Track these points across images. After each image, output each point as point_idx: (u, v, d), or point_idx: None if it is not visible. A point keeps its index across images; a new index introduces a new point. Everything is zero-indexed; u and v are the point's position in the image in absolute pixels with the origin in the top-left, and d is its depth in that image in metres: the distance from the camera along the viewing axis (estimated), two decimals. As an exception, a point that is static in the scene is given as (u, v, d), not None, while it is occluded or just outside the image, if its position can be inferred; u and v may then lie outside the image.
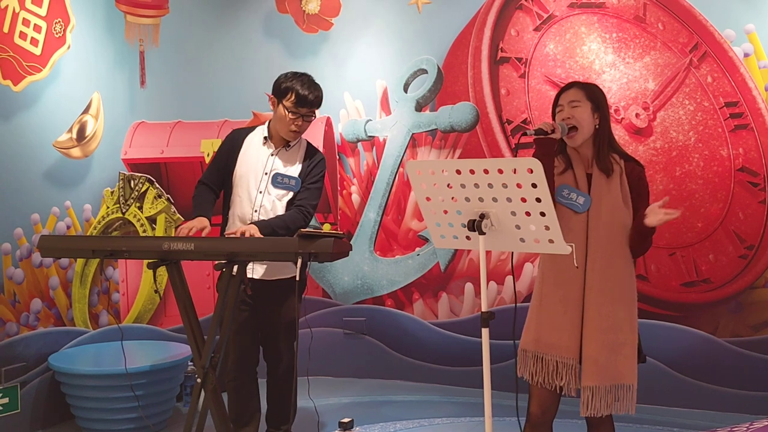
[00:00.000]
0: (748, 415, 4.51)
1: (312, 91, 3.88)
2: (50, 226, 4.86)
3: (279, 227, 3.77)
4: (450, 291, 5.56)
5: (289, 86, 3.86)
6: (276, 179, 3.90)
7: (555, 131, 3.06)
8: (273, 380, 4.03)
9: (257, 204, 3.88)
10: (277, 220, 3.81)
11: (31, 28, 4.73)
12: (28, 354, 4.60)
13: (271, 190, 3.90)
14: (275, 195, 3.90)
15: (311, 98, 3.87)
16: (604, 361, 3.03)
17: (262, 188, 3.90)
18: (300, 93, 3.84)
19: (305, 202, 3.92)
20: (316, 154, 4.05)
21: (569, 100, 3.15)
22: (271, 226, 3.75)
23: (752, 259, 4.75)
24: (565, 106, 3.15)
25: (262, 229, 3.67)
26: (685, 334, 4.87)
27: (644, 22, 4.98)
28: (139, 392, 4.31)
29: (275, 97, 3.91)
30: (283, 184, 3.91)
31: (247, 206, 3.90)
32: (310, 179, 3.96)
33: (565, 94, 3.19)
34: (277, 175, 3.91)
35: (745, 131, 4.76)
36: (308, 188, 3.95)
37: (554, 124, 3.08)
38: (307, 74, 3.96)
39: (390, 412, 5.02)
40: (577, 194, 3.10)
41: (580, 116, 3.12)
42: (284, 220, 3.83)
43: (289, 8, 5.83)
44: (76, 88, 5.07)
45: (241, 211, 3.91)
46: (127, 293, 5.45)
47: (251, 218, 3.86)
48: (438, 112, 5.53)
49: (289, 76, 3.92)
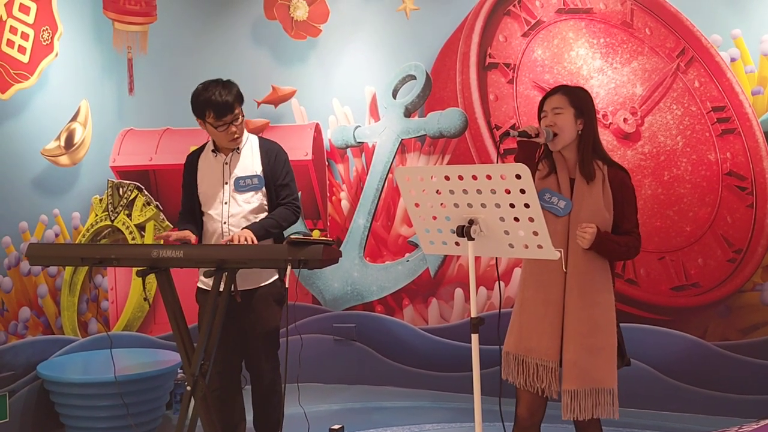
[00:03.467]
0: (738, 418, 4.53)
1: (224, 95, 3.72)
2: (38, 234, 4.84)
3: (272, 227, 3.76)
4: (440, 296, 5.56)
5: (203, 102, 3.74)
6: (238, 183, 3.84)
7: (539, 135, 3.07)
8: (257, 389, 3.98)
9: (224, 215, 3.83)
10: (268, 221, 3.79)
11: (18, 36, 4.71)
12: (16, 363, 4.58)
13: (237, 196, 3.84)
14: (242, 200, 3.84)
15: (230, 102, 3.72)
16: (584, 365, 3.04)
17: (226, 199, 3.84)
18: (215, 104, 3.70)
19: (289, 197, 3.89)
20: (271, 146, 3.96)
21: (552, 107, 3.16)
22: (264, 228, 3.72)
23: (740, 263, 4.77)
24: (549, 112, 3.16)
25: (256, 232, 3.65)
26: (674, 338, 4.88)
27: (631, 27, 5.00)
28: (128, 400, 4.28)
29: (197, 117, 3.81)
30: (247, 186, 3.85)
31: (216, 221, 3.84)
32: (281, 176, 3.90)
33: (549, 100, 3.19)
34: (238, 179, 3.85)
35: (733, 135, 4.79)
36: (283, 185, 3.90)
37: (539, 129, 3.09)
38: (214, 81, 3.80)
39: (380, 419, 5.01)
40: (558, 198, 3.11)
41: (563, 123, 3.13)
42: (275, 218, 3.81)
43: (277, 15, 5.82)
44: (64, 96, 5.06)
45: (213, 227, 3.86)
46: (116, 301, 5.43)
47: (222, 231, 3.82)
48: (427, 118, 5.53)
49: (198, 91, 3.78)
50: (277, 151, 3.94)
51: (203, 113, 3.76)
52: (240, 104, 3.80)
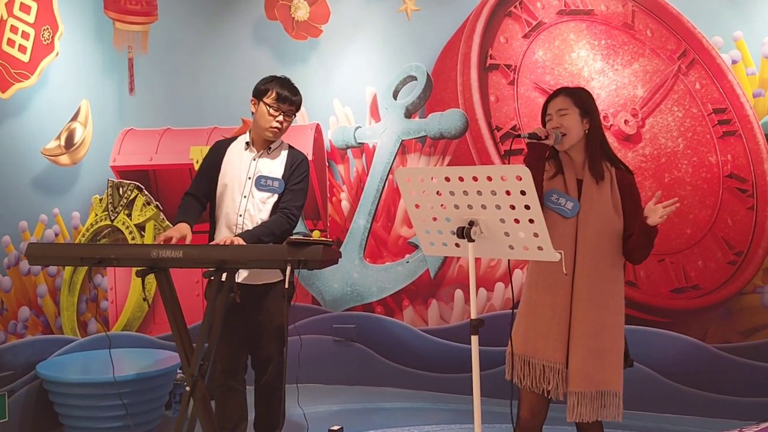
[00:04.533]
0: (738, 421, 4.52)
1: (292, 90, 3.92)
2: (38, 233, 4.83)
3: (264, 235, 3.75)
4: (440, 298, 5.56)
5: (269, 86, 3.90)
6: (259, 182, 3.89)
7: (548, 137, 3.08)
8: (261, 388, 4.00)
9: (241, 208, 3.86)
10: (261, 228, 3.79)
11: (18, 35, 4.71)
12: (15, 362, 4.57)
13: (255, 193, 3.88)
14: (259, 198, 3.88)
15: (292, 96, 3.90)
16: (590, 367, 3.04)
17: (246, 192, 3.88)
18: (280, 91, 3.87)
19: (289, 204, 3.90)
20: (298, 155, 4.03)
21: (557, 109, 3.16)
22: (256, 236, 3.72)
23: (741, 266, 4.77)
24: (554, 114, 3.16)
25: (246, 239, 3.65)
26: (674, 341, 4.87)
27: (633, 29, 5.00)
28: (127, 400, 4.28)
29: (255, 97, 3.93)
30: (267, 186, 3.89)
31: (231, 211, 3.88)
32: (293, 180, 3.94)
33: (553, 102, 3.19)
34: (260, 178, 3.90)
35: (734, 138, 4.78)
36: (291, 190, 3.93)
37: (548, 131, 3.10)
38: (287, 77, 3.99)
39: (380, 420, 5.00)
40: (566, 199, 3.11)
41: (569, 124, 3.13)
42: (268, 227, 3.80)
43: (278, 15, 5.82)
44: (64, 96, 5.06)
45: (226, 216, 3.89)
46: (115, 301, 5.42)
47: (236, 222, 3.85)
48: (427, 119, 5.53)
49: (269, 78, 3.96)
50: (300, 160, 4.02)
51: (265, 93, 3.89)
52: (298, 109, 3.97)
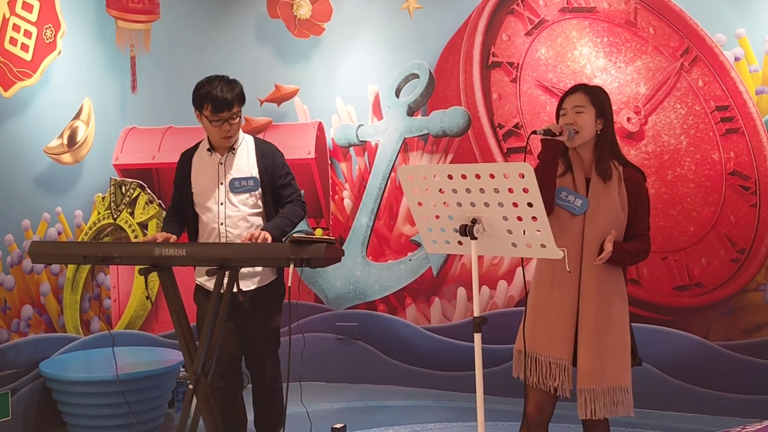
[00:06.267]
0: (740, 418, 4.53)
1: (225, 92, 3.72)
2: (41, 232, 4.84)
3: (286, 225, 3.78)
4: (442, 296, 5.55)
5: (203, 95, 3.73)
6: (233, 185, 3.84)
7: (562, 133, 3.07)
8: (258, 389, 3.99)
9: (221, 216, 3.83)
10: (281, 219, 3.80)
11: (21, 34, 4.71)
12: (19, 361, 4.58)
13: (232, 197, 3.84)
14: (237, 201, 3.84)
15: (229, 99, 3.71)
16: (599, 364, 3.05)
17: (222, 199, 3.84)
18: (215, 99, 3.70)
19: (294, 195, 3.91)
20: (267, 147, 3.95)
21: (573, 105, 3.16)
22: (279, 228, 3.74)
23: (744, 263, 4.76)
24: (569, 110, 3.16)
25: (273, 233, 3.65)
26: (677, 338, 4.87)
27: (635, 26, 4.99)
28: (130, 398, 4.29)
29: (195, 109, 3.81)
30: (242, 188, 3.85)
31: (211, 221, 3.85)
32: (281, 177, 3.90)
33: (570, 98, 3.19)
34: (234, 180, 3.84)
35: (736, 135, 4.77)
36: (285, 184, 3.91)
37: (562, 127, 3.09)
38: (220, 76, 3.79)
39: (382, 418, 5.00)
40: (575, 197, 3.11)
41: (583, 122, 3.13)
42: (287, 216, 3.82)
43: (280, 13, 5.82)
44: (66, 94, 5.06)
45: (208, 227, 3.86)
46: (118, 299, 5.42)
47: (218, 231, 3.83)
48: (430, 117, 5.53)
49: (202, 83, 3.78)
50: (273, 153, 3.94)
51: (201, 105, 3.76)
52: (240, 104, 3.79)
